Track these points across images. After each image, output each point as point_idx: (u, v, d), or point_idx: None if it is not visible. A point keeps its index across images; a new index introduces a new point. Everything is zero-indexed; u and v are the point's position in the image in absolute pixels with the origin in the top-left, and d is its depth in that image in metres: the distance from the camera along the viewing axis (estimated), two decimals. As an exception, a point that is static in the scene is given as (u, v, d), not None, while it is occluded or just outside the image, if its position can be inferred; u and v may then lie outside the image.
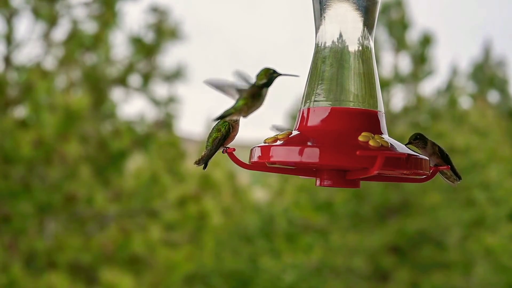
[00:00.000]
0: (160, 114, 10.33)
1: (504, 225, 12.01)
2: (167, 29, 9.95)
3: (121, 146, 9.19)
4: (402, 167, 1.67)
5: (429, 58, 12.50)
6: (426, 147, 1.85)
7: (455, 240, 11.70)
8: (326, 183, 1.80)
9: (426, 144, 1.85)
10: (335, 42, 1.81)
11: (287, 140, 1.74)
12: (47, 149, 8.45)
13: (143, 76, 10.02)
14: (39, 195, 8.46)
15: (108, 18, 9.21)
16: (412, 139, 1.85)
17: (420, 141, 1.85)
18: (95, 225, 9.33)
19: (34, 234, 8.70)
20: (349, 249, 11.57)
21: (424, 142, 1.85)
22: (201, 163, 1.79)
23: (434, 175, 1.86)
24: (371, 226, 11.70)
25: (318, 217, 11.96)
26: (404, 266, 11.52)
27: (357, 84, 1.79)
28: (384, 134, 1.77)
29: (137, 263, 9.29)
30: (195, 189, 10.16)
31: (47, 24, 9.02)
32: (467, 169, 11.67)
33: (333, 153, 1.65)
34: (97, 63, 9.63)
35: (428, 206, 11.55)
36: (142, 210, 9.59)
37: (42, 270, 8.54)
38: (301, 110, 1.82)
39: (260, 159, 1.74)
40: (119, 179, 9.44)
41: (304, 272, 11.82)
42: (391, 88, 12.37)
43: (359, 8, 1.80)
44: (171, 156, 10.55)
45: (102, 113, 9.71)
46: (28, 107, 8.63)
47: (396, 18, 12.53)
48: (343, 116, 1.76)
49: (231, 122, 1.80)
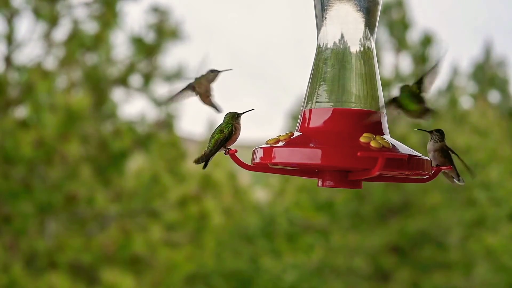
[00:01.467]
0: (161, 114, 10.33)
1: (504, 225, 12.00)
2: (168, 29, 9.95)
3: (122, 146, 9.18)
4: (403, 168, 1.67)
5: (429, 58, 12.50)
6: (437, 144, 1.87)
7: (456, 240, 11.69)
8: (328, 184, 1.80)
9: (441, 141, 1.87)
10: (337, 43, 1.81)
11: (289, 141, 1.74)
12: (47, 149, 8.45)
13: (144, 76, 10.02)
14: (40, 195, 8.46)
15: (109, 18, 9.21)
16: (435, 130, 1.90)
17: (440, 135, 1.89)
18: (95, 225, 9.33)
19: (34, 234, 8.70)
20: (350, 249, 11.57)
21: (441, 138, 1.88)
22: (200, 162, 1.80)
23: (436, 175, 1.86)
24: (371, 226, 11.70)
25: (319, 217, 11.96)
26: (405, 266, 11.52)
27: (358, 85, 1.79)
28: (386, 135, 1.78)
29: (137, 263, 9.29)
30: (195, 189, 10.16)
31: (48, 24, 9.02)
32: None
33: (335, 154, 1.65)
34: (97, 63, 9.62)
35: (429, 206, 11.55)
36: (142, 210, 9.59)
37: (42, 270, 8.54)
38: (303, 111, 1.82)
39: (263, 160, 1.74)
40: (120, 179, 9.44)
41: (305, 272, 11.81)
42: (392, 88, 12.36)
43: (360, 9, 1.80)
44: (172, 156, 10.55)
45: (103, 113, 9.71)
46: (29, 107, 8.63)
47: (397, 18, 12.53)
48: (344, 117, 1.76)
49: (234, 123, 1.81)
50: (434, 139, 1.87)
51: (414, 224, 11.45)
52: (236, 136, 1.81)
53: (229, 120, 1.84)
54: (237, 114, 1.87)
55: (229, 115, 1.86)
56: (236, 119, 1.84)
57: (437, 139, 1.87)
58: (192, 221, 9.92)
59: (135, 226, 9.42)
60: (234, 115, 1.86)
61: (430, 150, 1.87)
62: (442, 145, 1.88)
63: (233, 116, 1.86)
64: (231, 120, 1.83)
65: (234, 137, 1.81)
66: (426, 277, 11.39)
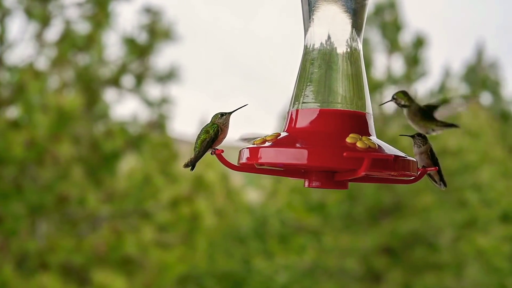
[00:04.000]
0: (153, 115, 10.32)
1: (495, 227, 12.06)
2: (161, 30, 9.94)
3: (114, 147, 9.17)
4: (389, 169, 1.68)
5: (422, 59, 12.54)
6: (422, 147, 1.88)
7: (447, 241, 11.73)
8: (315, 185, 1.81)
9: (425, 145, 1.88)
10: (324, 44, 1.81)
11: (276, 141, 1.75)
12: (39, 149, 8.43)
13: (136, 77, 10.01)
14: (31, 196, 8.44)
15: (101, 19, 9.19)
16: (417, 134, 1.91)
17: (422, 140, 1.89)
18: (87, 226, 9.31)
19: (25, 234, 8.67)
20: (342, 250, 11.59)
21: (424, 142, 1.88)
22: (190, 165, 1.80)
23: (422, 177, 1.87)
24: (363, 227, 11.72)
25: (311, 218, 11.98)
26: (397, 267, 11.55)
27: (345, 86, 1.80)
28: (372, 136, 1.78)
29: (129, 264, 9.27)
30: (188, 190, 10.15)
31: (40, 24, 9.00)
32: (459, 171, 11.72)
33: (321, 155, 1.65)
34: (90, 63, 9.60)
35: (421, 207, 11.58)
36: (134, 211, 9.57)
37: (34, 271, 8.51)
38: (290, 112, 1.83)
39: (249, 160, 1.75)
40: (112, 180, 9.42)
41: (297, 273, 11.83)
42: (384, 89, 12.39)
43: (347, 10, 1.81)
44: (164, 157, 10.54)
45: (94, 113, 9.69)
46: (20, 107, 8.60)
47: (389, 19, 12.56)
48: (331, 117, 1.77)
49: (220, 124, 1.81)
50: (418, 143, 1.88)
51: (405, 225, 11.49)
52: (222, 136, 1.81)
53: (214, 120, 1.84)
54: (222, 114, 1.86)
55: (215, 116, 1.86)
56: (221, 118, 1.83)
57: (420, 143, 1.88)
58: (184, 222, 9.91)
59: (127, 227, 9.40)
60: (219, 115, 1.86)
61: (416, 153, 1.88)
62: (427, 148, 1.88)
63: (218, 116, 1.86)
64: (216, 120, 1.83)
65: (221, 137, 1.81)
66: (418, 278, 11.43)
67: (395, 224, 11.53)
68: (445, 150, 11.56)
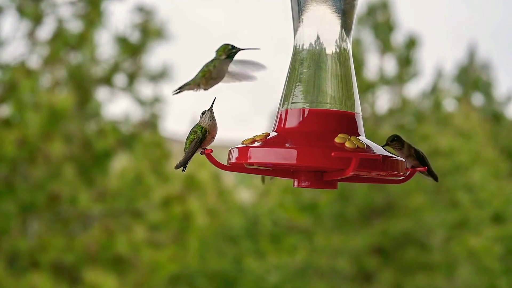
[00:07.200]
0: (145, 114, 10.30)
1: (487, 227, 12.09)
2: (153, 29, 9.93)
3: (106, 146, 9.15)
4: (377, 169, 1.68)
5: (414, 60, 12.57)
6: (402, 149, 1.87)
7: (439, 241, 11.76)
8: (304, 184, 1.81)
9: (403, 146, 1.87)
10: (313, 44, 1.82)
11: (265, 141, 1.75)
12: (31, 148, 8.41)
13: (128, 76, 9.99)
14: (23, 195, 8.42)
15: (94, 17, 9.17)
16: (389, 140, 1.87)
17: (397, 143, 1.87)
18: (78, 225, 9.29)
19: (17, 233, 8.65)
20: (333, 250, 11.60)
21: (401, 144, 1.87)
22: (181, 166, 1.79)
23: (411, 177, 1.87)
24: (355, 227, 11.74)
25: (303, 218, 11.99)
26: (388, 267, 11.57)
27: (334, 86, 1.80)
28: (361, 136, 1.79)
29: (121, 263, 9.26)
30: (179, 189, 10.15)
31: (32, 22, 8.97)
32: (451, 171, 11.75)
33: (310, 155, 1.66)
34: (82, 62, 9.58)
35: (412, 207, 11.61)
36: (126, 210, 9.56)
37: (25, 270, 8.49)
38: (279, 112, 1.84)
39: (238, 160, 1.75)
40: (103, 179, 9.40)
41: (289, 273, 11.83)
42: (376, 90, 12.41)
43: (337, 10, 1.81)
44: (156, 156, 10.53)
45: (86, 112, 9.67)
46: (12, 106, 8.58)
47: (381, 20, 12.59)
48: (320, 117, 1.77)
49: (206, 125, 1.80)
50: (396, 147, 1.87)
51: (397, 226, 11.51)
52: (212, 136, 1.80)
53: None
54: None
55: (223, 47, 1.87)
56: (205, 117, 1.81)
57: (397, 147, 1.87)
58: (176, 221, 9.91)
59: (118, 226, 9.39)
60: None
61: (401, 156, 1.86)
62: (409, 148, 1.87)
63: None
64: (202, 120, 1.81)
65: (210, 137, 1.80)
66: (409, 278, 11.45)
67: (386, 224, 11.55)
68: (436, 151, 11.59)
